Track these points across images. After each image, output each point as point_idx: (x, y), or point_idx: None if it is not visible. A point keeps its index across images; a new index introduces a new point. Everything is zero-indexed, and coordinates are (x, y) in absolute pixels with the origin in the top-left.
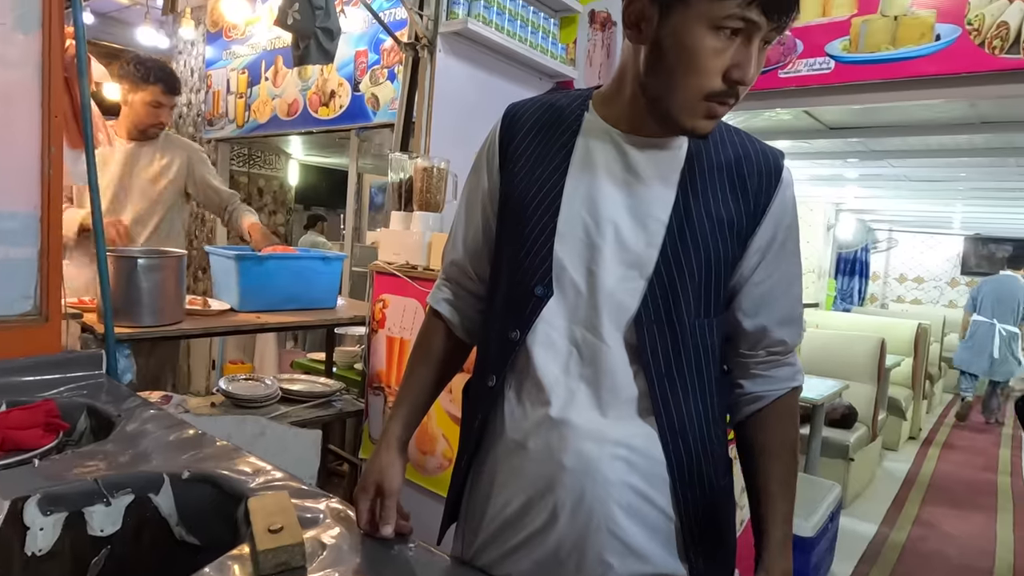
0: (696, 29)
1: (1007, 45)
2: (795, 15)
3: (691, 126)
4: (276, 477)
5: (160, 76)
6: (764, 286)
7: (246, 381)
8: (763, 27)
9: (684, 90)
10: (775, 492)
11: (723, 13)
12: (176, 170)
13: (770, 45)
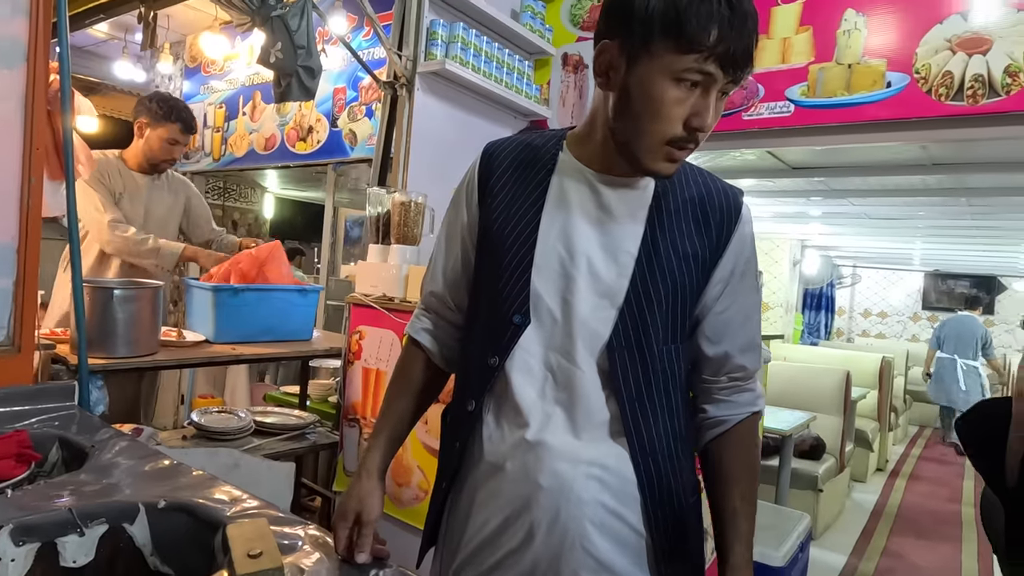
0: (659, 80)
1: (952, 93)
2: (749, 70)
3: (655, 168)
4: (252, 505)
5: (180, 116)
6: (726, 315)
7: (219, 414)
8: (720, 80)
9: (648, 135)
10: (738, 510)
11: (683, 66)
12: (180, 208)
13: (727, 95)
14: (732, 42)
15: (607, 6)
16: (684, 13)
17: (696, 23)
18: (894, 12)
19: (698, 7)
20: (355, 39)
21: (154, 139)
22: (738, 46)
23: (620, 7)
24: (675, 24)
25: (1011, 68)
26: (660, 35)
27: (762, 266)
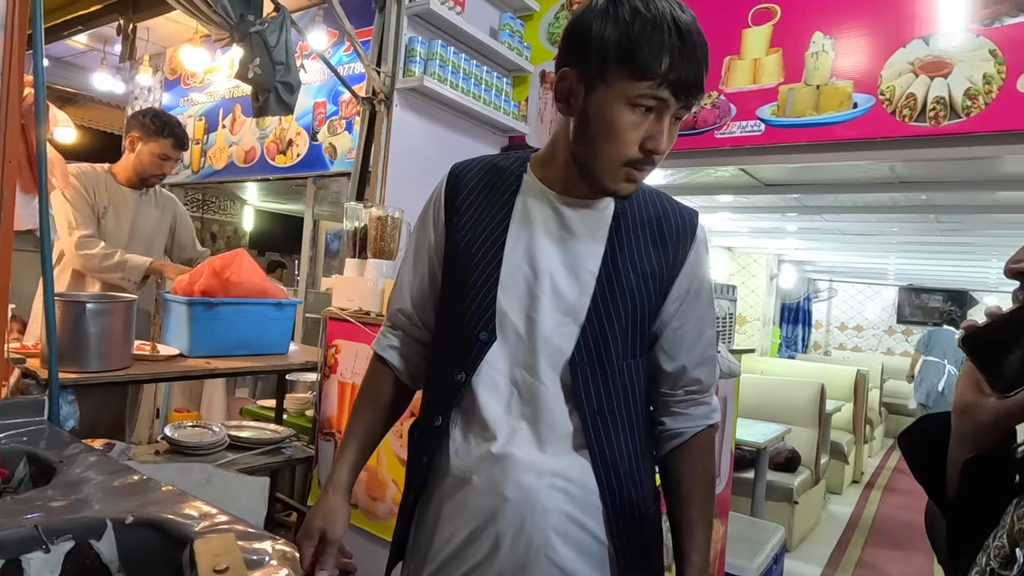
0: (615, 105)
1: (915, 114)
2: (701, 96)
3: (614, 188)
4: (222, 520)
5: (173, 131)
6: (681, 331)
7: (192, 428)
8: (672, 105)
9: (606, 157)
10: (694, 521)
11: (637, 93)
12: (167, 225)
13: (680, 120)
14: (683, 70)
15: (566, 36)
16: (636, 42)
17: (648, 52)
18: (860, 35)
19: (650, 36)
20: (335, 54)
21: (145, 153)
22: (688, 74)
23: (578, 37)
24: (629, 53)
25: (971, 91)
26: (615, 63)
27: (739, 280)
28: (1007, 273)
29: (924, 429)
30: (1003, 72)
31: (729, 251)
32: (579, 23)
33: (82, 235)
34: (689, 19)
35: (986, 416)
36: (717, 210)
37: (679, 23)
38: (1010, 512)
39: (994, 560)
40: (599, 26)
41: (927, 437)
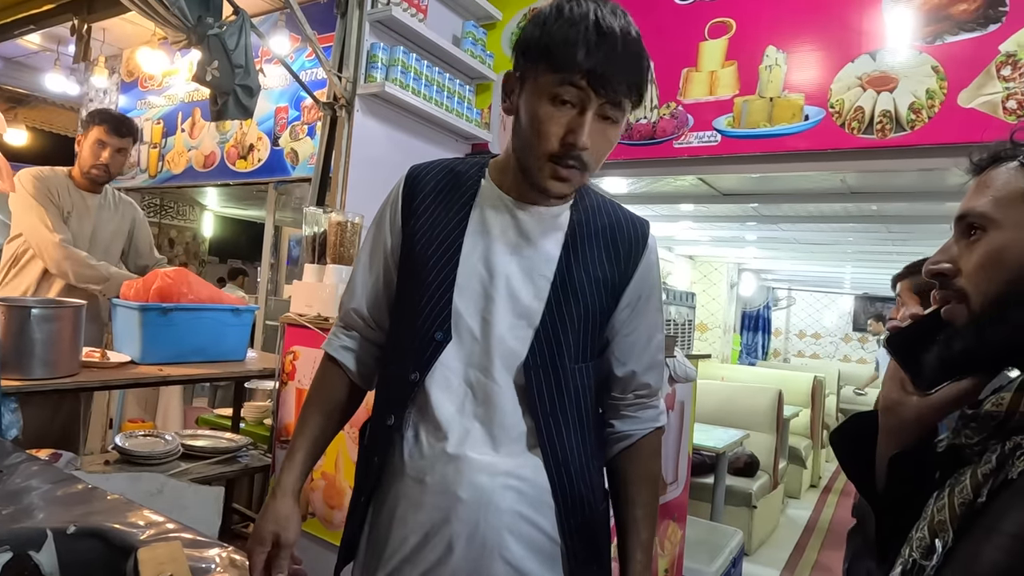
0: (538, 99)
1: (863, 127)
2: (624, 92)
3: (544, 185)
4: (169, 528)
5: (105, 117)
6: (632, 337)
7: (144, 437)
8: (592, 99)
9: (532, 151)
10: (639, 518)
11: (556, 84)
12: (126, 230)
13: (615, 122)
14: (598, 63)
15: (513, 44)
16: (554, 37)
17: (564, 44)
18: (811, 50)
19: (567, 31)
20: (297, 59)
21: (84, 146)
22: (606, 67)
23: (518, 41)
24: (549, 47)
25: (915, 105)
26: (538, 59)
27: (701, 288)
28: (926, 275)
29: (854, 427)
30: (945, 88)
31: (691, 259)
32: (522, 30)
33: (62, 238)
34: (615, 21)
35: (910, 413)
36: (678, 219)
37: (600, 21)
38: (931, 505)
39: (916, 551)
40: (531, 28)
41: (857, 435)
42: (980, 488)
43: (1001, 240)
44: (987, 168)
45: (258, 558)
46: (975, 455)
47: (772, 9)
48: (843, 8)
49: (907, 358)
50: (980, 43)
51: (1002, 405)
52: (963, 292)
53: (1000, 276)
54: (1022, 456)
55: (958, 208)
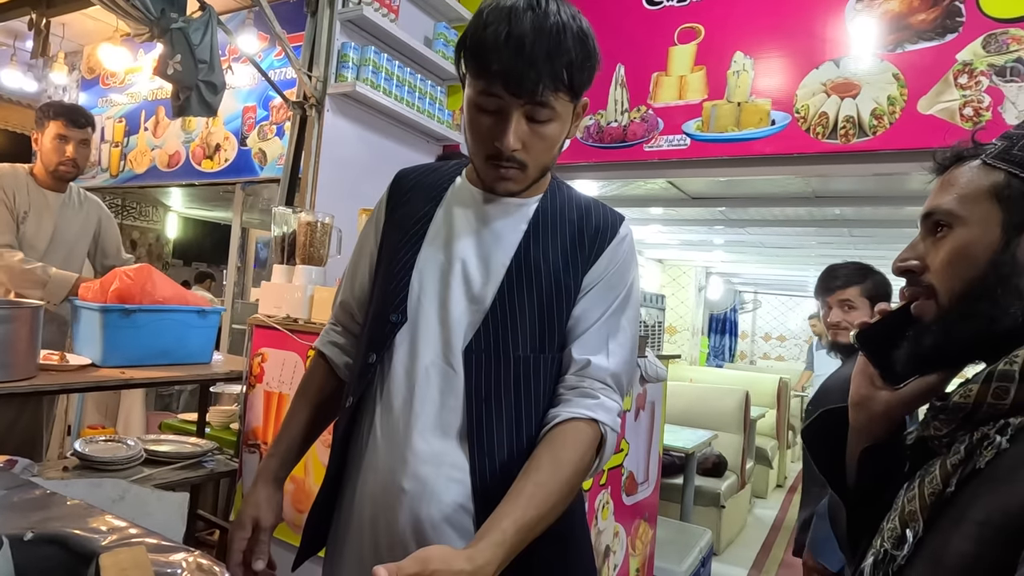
0: (469, 103)
1: (827, 131)
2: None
3: (490, 183)
4: (133, 534)
5: (60, 111)
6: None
7: (106, 443)
8: (511, 101)
9: (475, 154)
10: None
11: (478, 90)
12: (91, 230)
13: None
14: (509, 64)
15: None
16: (472, 45)
17: (478, 52)
18: (777, 56)
19: (482, 35)
20: (266, 58)
21: (44, 143)
22: (518, 70)
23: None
24: (469, 56)
25: (877, 111)
26: (465, 61)
27: (670, 292)
28: (894, 271)
29: (825, 423)
30: (905, 94)
31: (660, 263)
32: None
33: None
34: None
35: (879, 407)
36: (649, 223)
37: (513, 19)
38: (901, 495)
39: (887, 541)
40: (465, 30)
41: (828, 430)
42: (949, 478)
43: (966, 236)
44: (950, 167)
45: (238, 544)
46: (944, 446)
47: (740, 16)
48: (808, 16)
49: (876, 353)
50: (938, 52)
51: (969, 397)
52: (931, 288)
53: (967, 272)
54: (989, 446)
55: (924, 206)
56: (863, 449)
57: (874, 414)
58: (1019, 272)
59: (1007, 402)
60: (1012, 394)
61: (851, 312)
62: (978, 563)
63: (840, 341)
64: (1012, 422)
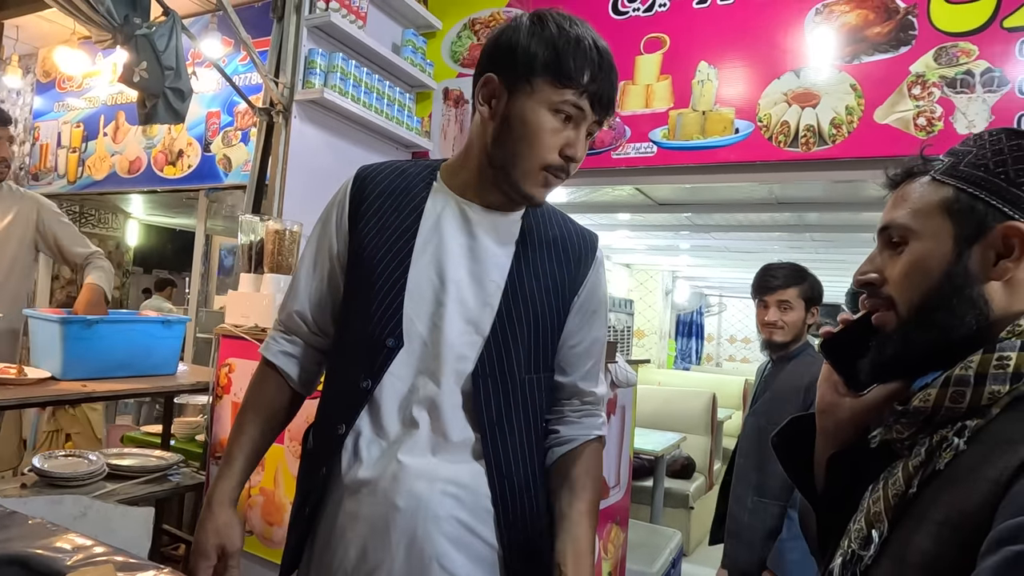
0: (539, 110)
1: (789, 140)
2: (611, 113)
3: (531, 192)
4: (99, 552)
5: None
6: (579, 348)
7: (66, 458)
8: (589, 117)
9: (527, 160)
10: (585, 513)
11: (560, 99)
12: (24, 227)
13: (592, 136)
14: (601, 84)
15: (490, 44)
16: (563, 54)
17: (573, 63)
18: (740, 66)
19: (575, 50)
20: (231, 63)
21: None
22: (605, 89)
23: (503, 46)
24: (555, 62)
25: (836, 120)
26: (541, 71)
27: (638, 296)
28: (855, 284)
29: (793, 429)
30: (862, 104)
31: (628, 267)
32: (504, 36)
33: None
34: (606, 45)
35: (844, 414)
36: (616, 228)
37: (599, 44)
38: (867, 497)
39: (855, 542)
40: (525, 39)
41: (795, 437)
42: (911, 480)
43: (921, 250)
44: (902, 183)
45: (204, 574)
46: (906, 448)
47: (704, 26)
48: (769, 27)
49: (840, 361)
50: (893, 64)
51: (929, 401)
52: (890, 299)
53: (923, 284)
54: (948, 448)
55: (880, 220)
56: (830, 455)
57: (840, 420)
58: (971, 283)
59: (963, 405)
60: (968, 397)
61: (788, 312)
62: (939, 562)
63: (775, 340)
64: (968, 424)
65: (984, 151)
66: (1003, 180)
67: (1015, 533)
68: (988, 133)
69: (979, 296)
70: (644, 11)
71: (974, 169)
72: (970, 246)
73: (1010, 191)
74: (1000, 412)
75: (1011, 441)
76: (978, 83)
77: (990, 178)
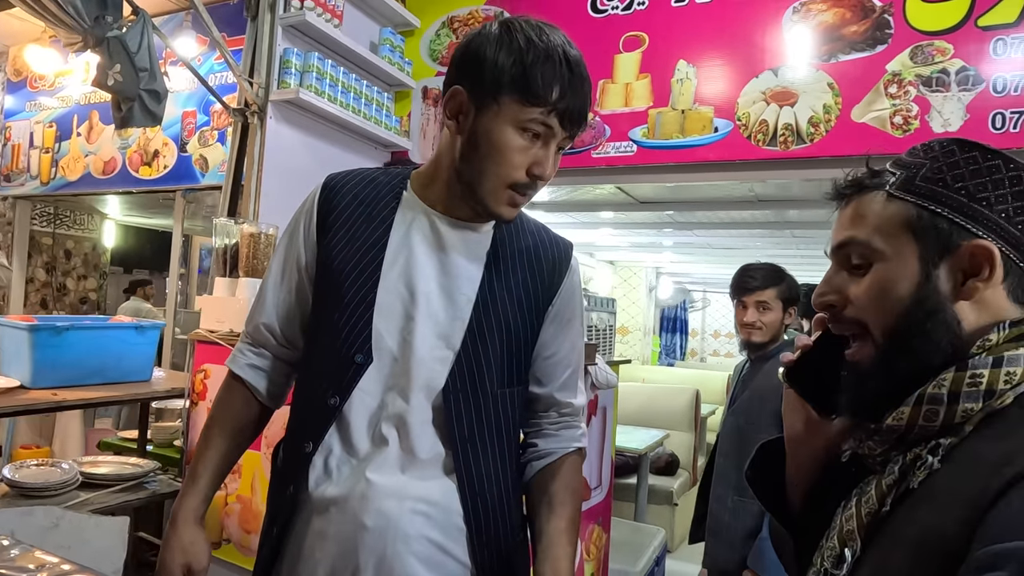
0: (505, 128)
1: (768, 139)
2: (583, 127)
3: (497, 211)
4: (66, 570)
5: None
6: (554, 359)
7: (37, 467)
8: (558, 134)
9: (492, 178)
10: (564, 531)
11: (528, 117)
12: None
13: (563, 151)
14: (571, 101)
15: (457, 56)
16: (531, 70)
17: (541, 80)
18: (719, 65)
19: (543, 66)
20: (206, 62)
21: None
22: (575, 105)
23: (471, 58)
24: (522, 79)
25: (813, 119)
26: (508, 88)
27: (621, 293)
28: (815, 306)
29: (762, 458)
30: (839, 103)
31: (611, 265)
32: (472, 46)
33: None
34: (578, 54)
35: (820, 442)
36: (599, 226)
37: (569, 56)
38: (839, 514)
39: (827, 561)
40: (493, 51)
41: (766, 463)
42: (884, 498)
43: (888, 272)
44: (851, 196)
45: None
46: (878, 464)
47: (682, 25)
48: (747, 26)
49: (806, 388)
50: (869, 62)
51: (902, 419)
52: (860, 323)
53: (895, 308)
54: (922, 466)
55: (833, 239)
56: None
57: (816, 449)
58: (943, 305)
59: (937, 424)
60: (942, 416)
61: (766, 313)
62: None
63: (753, 340)
64: (943, 442)
65: (939, 164)
66: (964, 196)
67: (996, 561)
68: (938, 144)
69: (952, 318)
70: (623, 9)
71: (932, 184)
72: (936, 267)
73: (971, 207)
74: (973, 430)
75: (986, 462)
76: (953, 82)
77: (950, 194)
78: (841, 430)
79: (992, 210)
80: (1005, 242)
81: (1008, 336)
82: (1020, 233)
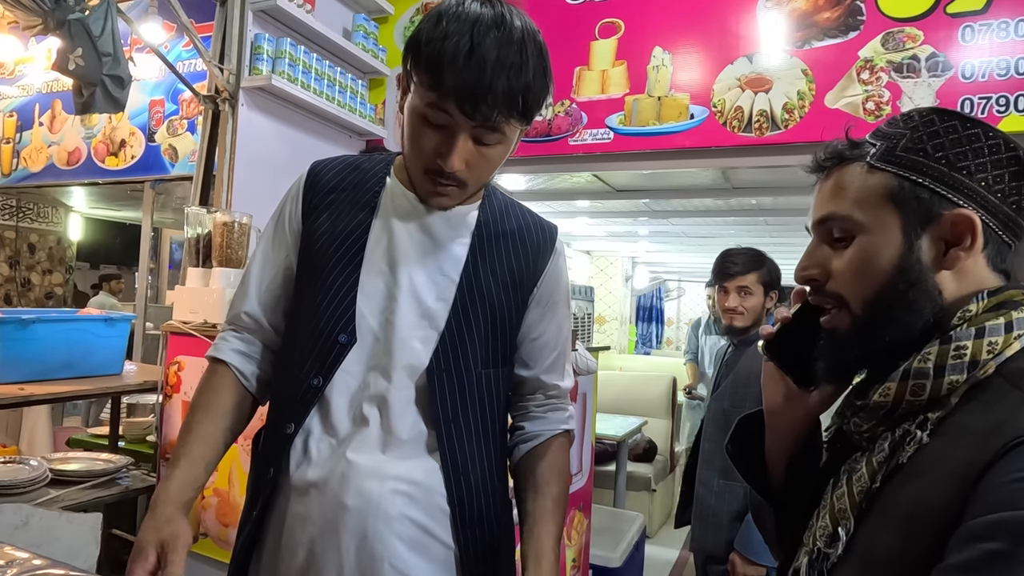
0: (414, 111)
1: (743, 125)
2: (502, 115)
3: (424, 196)
4: (37, 565)
5: None
6: (540, 340)
7: (4, 464)
8: (462, 123)
9: (412, 163)
10: (550, 511)
11: (427, 102)
12: None
13: (499, 146)
14: (468, 85)
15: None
16: (427, 49)
17: (434, 63)
18: (694, 51)
19: (441, 45)
20: (174, 48)
21: None
22: (476, 91)
23: (410, 38)
24: (424, 61)
25: (788, 105)
26: (415, 70)
27: (598, 282)
28: (797, 280)
29: (742, 431)
30: (813, 89)
31: (588, 254)
32: (416, 26)
33: None
34: (495, 33)
35: (798, 413)
36: (576, 215)
37: (476, 36)
38: (829, 493)
39: (820, 540)
40: (415, 34)
41: (747, 440)
42: (875, 475)
43: (870, 244)
44: (832, 168)
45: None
46: (865, 440)
47: (658, 11)
48: (722, 12)
49: (785, 360)
50: (842, 49)
51: (889, 395)
52: (840, 297)
53: (876, 279)
54: (911, 441)
55: (814, 212)
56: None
57: (794, 420)
58: (925, 275)
59: (924, 398)
60: (928, 390)
61: (748, 298)
62: (905, 557)
63: (736, 325)
64: (930, 416)
65: (919, 134)
66: (944, 165)
67: (990, 530)
68: (918, 113)
69: (933, 288)
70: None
71: (912, 155)
72: (918, 237)
73: (952, 176)
74: (959, 401)
75: (974, 433)
76: (923, 68)
77: (931, 163)
78: (819, 401)
79: (972, 179)
80: (985, 211)
81: (987, 305)
82: (999, 201)
